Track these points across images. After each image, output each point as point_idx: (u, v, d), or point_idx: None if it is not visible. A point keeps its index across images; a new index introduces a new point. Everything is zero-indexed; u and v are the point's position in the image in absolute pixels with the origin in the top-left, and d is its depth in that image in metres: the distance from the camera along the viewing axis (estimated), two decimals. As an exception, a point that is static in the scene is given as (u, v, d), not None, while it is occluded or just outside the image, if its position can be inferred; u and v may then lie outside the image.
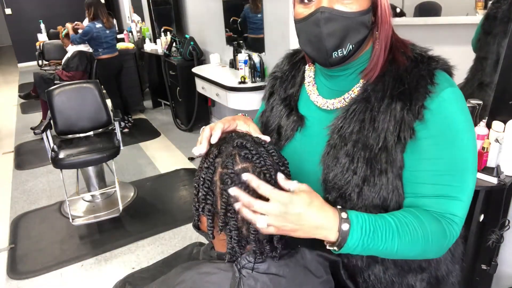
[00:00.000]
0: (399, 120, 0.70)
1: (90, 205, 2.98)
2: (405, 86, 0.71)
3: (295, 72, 0.90)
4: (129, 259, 2.37)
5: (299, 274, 0.75)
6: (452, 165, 0.70)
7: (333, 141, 0.76)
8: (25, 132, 4.67)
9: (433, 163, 0.70)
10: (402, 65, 0.73)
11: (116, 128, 2.91)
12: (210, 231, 0.73)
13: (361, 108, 0.74)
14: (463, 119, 0.71)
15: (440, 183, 0.70)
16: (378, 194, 0.72)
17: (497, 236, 1.55)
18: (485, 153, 1.49)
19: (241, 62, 3.16)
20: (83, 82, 3.11)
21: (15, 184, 3.44)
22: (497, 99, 1.57)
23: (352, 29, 0.69)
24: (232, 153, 0.70)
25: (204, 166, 0.72)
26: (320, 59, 0.73)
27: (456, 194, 0.70)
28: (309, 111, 0.84)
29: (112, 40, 4.25)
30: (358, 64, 0.76)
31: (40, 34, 7.06)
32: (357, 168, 0.72)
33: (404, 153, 0.71)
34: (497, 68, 1.56)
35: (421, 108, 0.69)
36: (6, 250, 2.52)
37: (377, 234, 0.64)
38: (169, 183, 3.32)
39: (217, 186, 0.70)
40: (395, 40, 0.75)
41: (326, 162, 0.77)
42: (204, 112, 4.34)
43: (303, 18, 0.71)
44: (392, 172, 0.71)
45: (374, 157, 0.72)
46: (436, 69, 0.72)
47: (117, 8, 7.90)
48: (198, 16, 4.37)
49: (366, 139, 0.73)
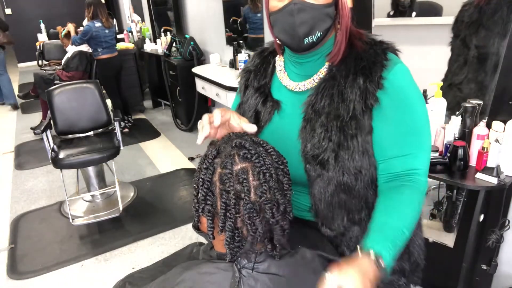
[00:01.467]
0: (364, 91, 0.82)
1: (90, 205, 2.98)
2: (364, 63, 0.84)
3: (266, 65, 1.01)
4: (129, 259, 2.37)
5: (299, 274, 0.76)
6: (412, 126, 0.83)
7: (308, 116, 0.87)
8: (25, 132, 4.67)
9: (396, 126, 0.83)
10: (360, 48, 0.86)
11: (116, 128, 2.91)
12: (210, 232, 0.74)
13: (330, 85, 0.86)
14: (414, 89, 0.85)
15: (403, 143, 0.83)
16: (352, 156, 0.83)
17: (497, 236, 1.55)
18: (485, 153, 1.49)
19: (241, 62, 3.16)
20: (83, 82, 3.11)
21: (15, 184, 3.44)
22: (497, 99, 1.57)
23: (319, 19, 0.81)
24: (231, 153, 0.71)
25: (203, 167, 0.72)
26: (293, 45, 0.84)
27: (417, 152, 0.83)
28: (282, 96, 0.95)
29: (112, 40, 4.24)
30: (323, 49, 0.88)
31: (40, 34, 7.05)
32: (332, 135, 0.84)
33: (373, 121, 0.84)
34: (497, 68, 1.57)
35: (380, 79, 0.82)
36: (6, 250, 2.52)
37: (394, 235, 0.77)
38: (169, 183, 3.32)
39: (216, 187, 0.71)
40: (352, 30, 0.88)
41: (304, 135, 0.87)
42: (204, 112, 4.20)
43: (278, 10, 0.82)
44: (361, 136, 0.83)
45: (346, 125, 0.83)
46: (387, 49, 0.86)
47: (117, 8, 7.90)
48: (198, 16, 4.37)
49: (337, 110, 0.84)
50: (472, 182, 1.45)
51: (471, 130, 1.53)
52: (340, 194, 0.87)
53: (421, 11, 1.93)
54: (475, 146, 1.52)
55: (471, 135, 1.53)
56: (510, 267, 1.72)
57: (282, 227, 0.73)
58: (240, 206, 0.69)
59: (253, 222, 0.69)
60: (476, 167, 1.52)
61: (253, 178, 0.70)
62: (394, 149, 0.84)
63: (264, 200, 0.70)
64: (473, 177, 1.48)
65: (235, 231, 0.70)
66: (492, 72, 1.60)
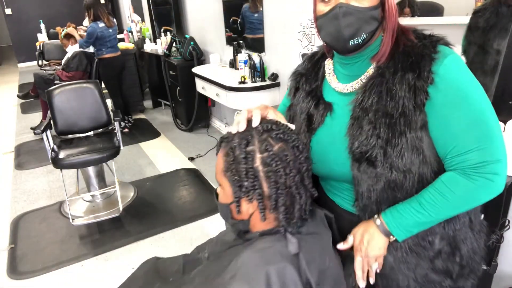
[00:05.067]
0: (412, 87, 0.81)
1: (90, 205, 2.98)
2: (412, 58, 0.82)
3: (316, 69, 1.03)
4: (129, 259, 2.37)
5: (322, 229, 0.90)
6: (472, 119, 0.79)
7: (355, 114, 0.87)
8: (25, 132, 4.67)
9: (454, 122, 0.80)
10: (409, 44, 0.85)
11: (116, 128, 2.91)
12: (262, 213, 0.82)
13: (378, 82, 0.85)
14: (469, 80, 0.81)
15: (466, 139, 0.79)
16: (400, 153, 0.82)
17: (497, 236, 1.54)
18: (485, 153, 1.49)
19: (241, 62, 3.16)
20: (83, 82, 3.11)
21: (15, 184, 3.43)
22: (497, 99, 1.57)
23: (364, 21, 0.82)
24: (264, 138, 0.80)
25: (241, 157, 0.79)
26: (339, 47, 0.86)
27: (483, 144, 0.79)
28: (332, 98, 0.96)
29: (115, 40, 4.26)
30: (370, 51, 0.88)
31: (40, 34, 7.06)
32: (381, 132, 0.83)
33: (428, 117, 0.82)
34: (497, 68, 1.56)
35: (429, 73, 0.80)
36: (6, 250, 2.52)
37: (407, 212, 0.84)
38: (169, 183, 3.32)
39: (259, 171, 0.79)
40: (400, 29, 0.87)
41: (351, 133, 0.88)
42: (204, 112, 4.34)
43: (324, 14, 0.84)
44: (410, 133, 0.82)
45: (394, 122, 0.82)
46: (437, 42, 0.83)
47: (117, 8, 7.91)
48: (198, 16, 4.37)
49: (385, 108, 0.83)
50: (472, 182, 1.45)
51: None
52: (388, 191, 0.87)
53: (422, 11, 1.93)
54: (475, 146, 1.51)
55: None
56: (510, 267, 1.72)
57: (311, 193, 0.86)
58: (287, 180, 0.79)
59: (299, 192, 0.81)
60: (476, 167, 1.51)
61: (290, 153, 0.80)
62: (457, 146, 0.80)
63: (305, 170, 0.82)
64: (473, 177, 1.47)
65: (287, 203, 0.81)
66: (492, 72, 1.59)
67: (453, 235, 0.91)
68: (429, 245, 0.91)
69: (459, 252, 0.92)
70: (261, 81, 3.10)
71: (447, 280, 0.93)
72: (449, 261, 0.92)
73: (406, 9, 1.95)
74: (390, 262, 0.93)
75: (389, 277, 0.94)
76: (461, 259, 0.93)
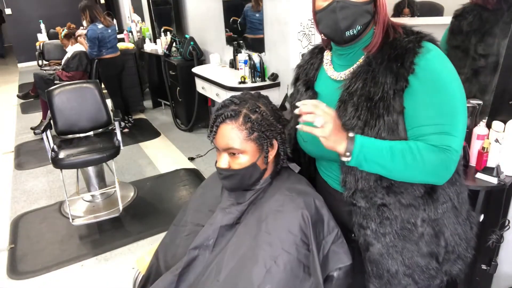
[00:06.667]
0: (395, 75, 0.90)
1: (90, 205, 2.98)
2: (398, 50, 0.91)
3: (314, 60, 1.14)
4: (129, 259, 2.37)
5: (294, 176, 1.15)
6: (446, 108, 0.88)
7: (343, 98, 0.97)
8: (25, 132, 4.67)
9: (429, 108, 0.88)
10: (397, 38, 0.93)
11: (116, 128, 2.91)
12: (283, 151, 1.09)
13: (364, 70, 0.95)
14: (448, 73, 0.89)
15: (438, 123, 0.88)
16: (377, 134, 0.91)
17: (497, 236, 1.54)
18: (485, 153, 1.49)
19: (241, 62, 3.16)
20: (83, 82, 3.11)
21: (15, 184, 3.43)
22: (497, 99, 1.57)
23: (359, 14, 0.92)
24: (263, 98, 1.10)
25: (258, 117, 1.02)
26: (336, 38, 0.96)
27: (450, 131, 0.87)
28: (327, 85, 1.07)
29: (114, 40, 4.25)
30: (363, 41, 0.98)
31: (40, 34, 7.05)
32: (361, 115, 0.92)
33: (404, 103, 0.90)
34: (497, 68, 1.57)
35: (412, 64, 0.88)
36: (6, 250, 2.52)
37: (376, 147, 0.88)
38: (169, 183, 3.32)
39: (270, 119, 1.05)
40: (390, 24, 0.96)
41: (338, 114, 0.94)
42: (204, 112, 4.34)
43: (322, 8, 0.94)
44: (388, 116, 0.90)
45: (374, 105, 0.91)
46: (423, 39, 0.92)
47: (117, 8, 7.90)
48: (198, 16, 4.37)
49: (368, 93, 0.92)
50: (472, 182, 1.45)
51: (471, 130, 1.53)
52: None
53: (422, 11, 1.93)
54: (475, 146, 1.52)
55: (471, 135, 1.53)
56: (510, 267, 1.72)
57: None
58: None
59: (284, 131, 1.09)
60: (476, 167, 1.52)
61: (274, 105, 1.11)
62: (426, 129, 0.89)
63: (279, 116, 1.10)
64: (473, 177, 1.48)
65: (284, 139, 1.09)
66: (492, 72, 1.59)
67: (434, 218, 0.98)
68: (414, 228, 0.98)
69: (443, 235, 1.00)
70: (261, 81, 3.10)
71: (432, 262, 1.00)
72: (433, 243, 0.99)
73: (406, 10, 1.96)
74: (379, 249, 0.99)
75: (379, 262, 1.00)
76: (446, 244, 1.00)
